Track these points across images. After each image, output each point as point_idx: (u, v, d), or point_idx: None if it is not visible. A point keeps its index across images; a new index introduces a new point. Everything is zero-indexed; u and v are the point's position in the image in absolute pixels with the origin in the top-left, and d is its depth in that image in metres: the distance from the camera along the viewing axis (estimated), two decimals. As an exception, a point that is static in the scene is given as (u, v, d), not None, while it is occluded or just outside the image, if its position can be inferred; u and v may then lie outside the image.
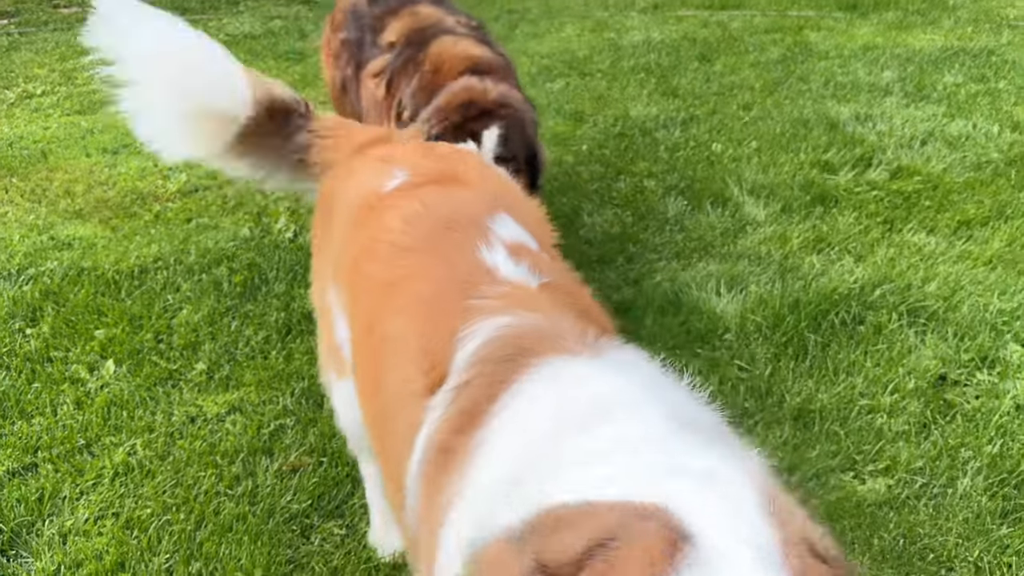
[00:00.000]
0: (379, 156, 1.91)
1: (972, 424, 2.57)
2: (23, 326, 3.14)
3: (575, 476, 1.01)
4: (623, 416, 1.10)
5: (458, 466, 1.19)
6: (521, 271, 1.46)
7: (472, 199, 1.69)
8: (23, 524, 2.30)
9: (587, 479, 1.00)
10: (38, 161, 4.67)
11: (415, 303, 1.47)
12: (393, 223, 1.61)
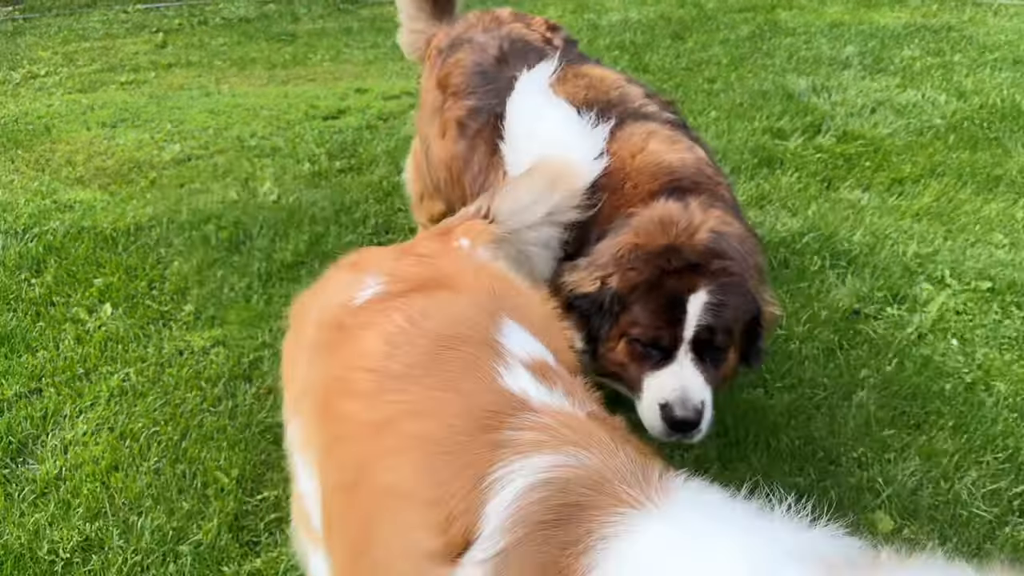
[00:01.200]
0: (346, 263, 1.61)
1: (875, 349, 2.88)
2: (28, 276, 3.46)
3: None
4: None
5: None
6: (557, 398, 1.20)
7: (469, 307, 1.39)
8: (29, 437, 2.62)
9: None
10: (42, 135, 4.98)
11: (419, 445, 1.16)
12: (372, 346, 1.31)
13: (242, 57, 6.46)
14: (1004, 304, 3.11)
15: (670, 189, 2.13)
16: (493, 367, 1.21)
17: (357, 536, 1.20)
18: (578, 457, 1.04)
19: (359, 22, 7.39)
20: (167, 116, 5.21)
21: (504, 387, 1.18)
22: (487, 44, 2.79)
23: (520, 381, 1.20)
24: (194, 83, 5.88)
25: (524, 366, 1.24)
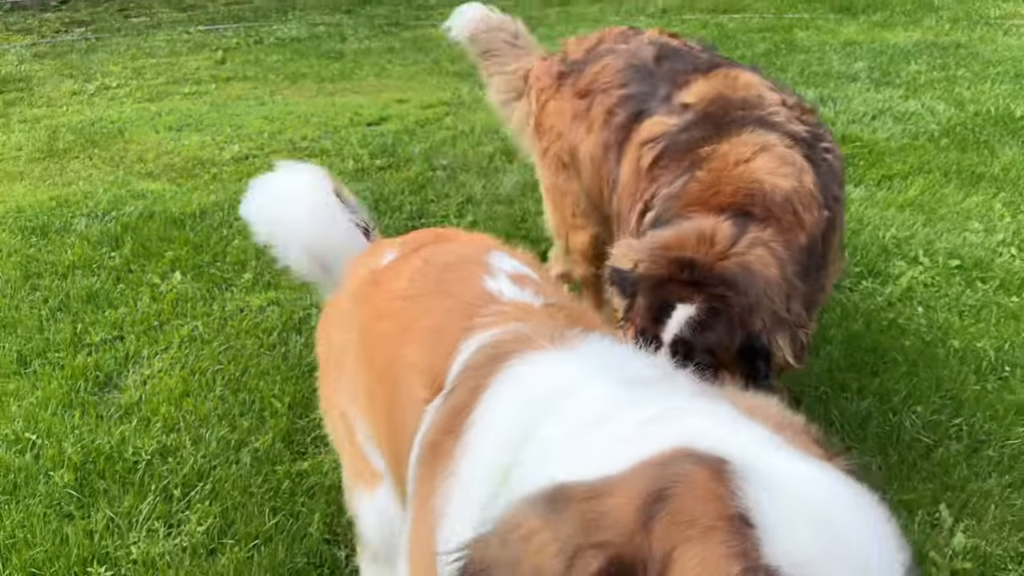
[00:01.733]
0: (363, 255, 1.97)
1: (846, 313, 3.25)
2: (108, 250, 3.97)
3: (566, 454, 1.03)
4: (585, 393, 1.12)
5: (448, 461, 1.25)
6: (525, 294, 1.50)
7: (467, 245, 1.78)
8: (113, 372, 3.09)
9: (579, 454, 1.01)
10: (116, 136, 5.55)
11: (425, 334, 1.53)
12: (398, 284, 1.66)
13: (294, 72, 7.02)
14: (970, 279, 3.46)
15: (739, 210, 2.15)
16: (480, 277, 1.54)
17: (388, 401, 1.58)
18: (517, 327, 1.36)
19: (401, 42, 7.93)
20: (227, 122, 5.76)
21: (484, 288, 1.51)
22: (637, 49, 2.84)
23: (499, 284, 1.52)
24: (250, 94, 6.44)
25: (505, 275, 1.55)
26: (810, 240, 2.20)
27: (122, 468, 2.59)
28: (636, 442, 0.95)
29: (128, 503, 2.45)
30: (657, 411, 1.01)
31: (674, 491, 0.87)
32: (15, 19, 9.13)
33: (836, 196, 2.34)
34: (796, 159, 2.26)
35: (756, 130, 2.30)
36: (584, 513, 0.90)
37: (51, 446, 2.68)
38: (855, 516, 0.87)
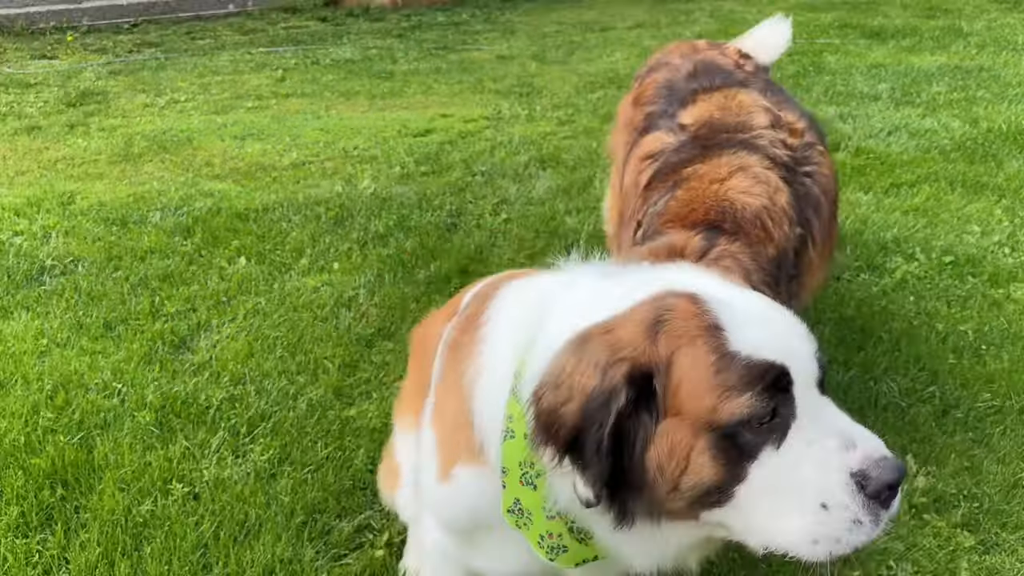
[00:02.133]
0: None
1: (841, 299, 3.56)
2: (180, 239, 4.43)
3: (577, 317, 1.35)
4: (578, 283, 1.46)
5: (471, 350, 1.56)
6: None
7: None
8: (186, 337, 3.53)
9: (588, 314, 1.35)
10: (185, 144, 6.07)
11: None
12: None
13: (347, 90, 7.53)
14: (961, 273, 3.75)
15: (711, 226, 2.30)
16: None
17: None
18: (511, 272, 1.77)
19: (448, 64, 8.42)
20: (286, 132, 6.25)
21: None
22: (681, 65, 3.09)
23: None
24: (307, 109, 6.95)
25: None
26: (779, 252, 2.37)
27: (195, 411, 3.01)
28: (630, 295, 1.34)
29: (201, 437, 2.86)
30: (638, 277, 1.41)
31: (666, 316, 1.29)
32: (92, 40, 9.83)
33: (808, 218, 2.52)
34: (771, 179, 2.44)
35: (737, 152, 2.50)
36: (606, 342, 1.28)
37: (134, 393, 3.11)
38: (783, 320, 1.35)
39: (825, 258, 2.72)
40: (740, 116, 2.65)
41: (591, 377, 1.27)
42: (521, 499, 1.47)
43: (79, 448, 2.80)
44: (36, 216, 4.71)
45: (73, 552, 2.40)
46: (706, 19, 10.32)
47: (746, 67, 3.11)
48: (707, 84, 2.91)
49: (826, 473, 1.26)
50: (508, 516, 1.49)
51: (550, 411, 1.29)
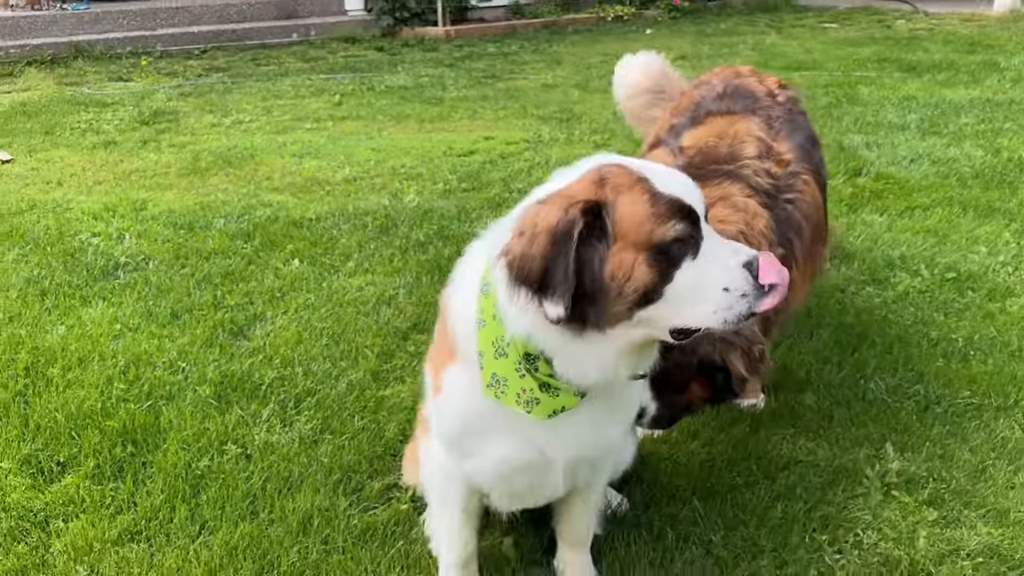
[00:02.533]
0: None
1: (843, 308, 3.82)
2: (241, 242, 4.86)
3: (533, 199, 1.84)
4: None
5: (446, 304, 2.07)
6: None
7: None
8: (243, 326, 3.92)
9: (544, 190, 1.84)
10: (247, 160, 6.56)
11: None
12: None
13: (399, 114, 7.99)
14: (961, 288, 3.98)
15: None
16: None
17: None
18: None
19: (494, 91, 8.84)
20: (340, 151, 6.71)
21: None
22: (716, 85, 3.31)
23: None
24: (361, 131, 7.41)
25: None
26: None
27: (249, 386, 3.39)
28: (574, 174, 1.84)
29: (253, 409, 3.24)
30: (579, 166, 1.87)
31: (608, 175, 1.78)
32: (164, 64, 10.51)
33: (790, 239, 2.77)
34: (749, 206, 2.70)
35: (722, 182, 2.77)
36: (561, 195, 1.76)
37: (196, 371, 3.51)
38: (682, 177, 1.86)
39: (808, 276, 2.99)
40: (732, 145, 2.92)
41: (553, 216, 1.72)
42: (496, 371, 1.88)
43: (147, 414, 3.19)
44: (112, 220, 5.20)
45: (140, 497, 2.77)
46: (748, 51, 10.61)
47: (778, 97, 3.26)
48: (725, 108, 3.15)
49: (727, 268, 1.78)
50: (488, 391, 1.89)
51: (522, 256, 1.72)
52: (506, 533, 2.58)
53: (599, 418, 1.98)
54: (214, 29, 11.70)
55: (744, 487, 2.71)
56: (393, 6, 12.22)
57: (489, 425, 1.97)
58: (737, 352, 2.54)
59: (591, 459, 2.08)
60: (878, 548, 2.46)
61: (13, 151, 6.83)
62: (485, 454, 2.02)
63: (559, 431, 1.94)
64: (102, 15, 11.22)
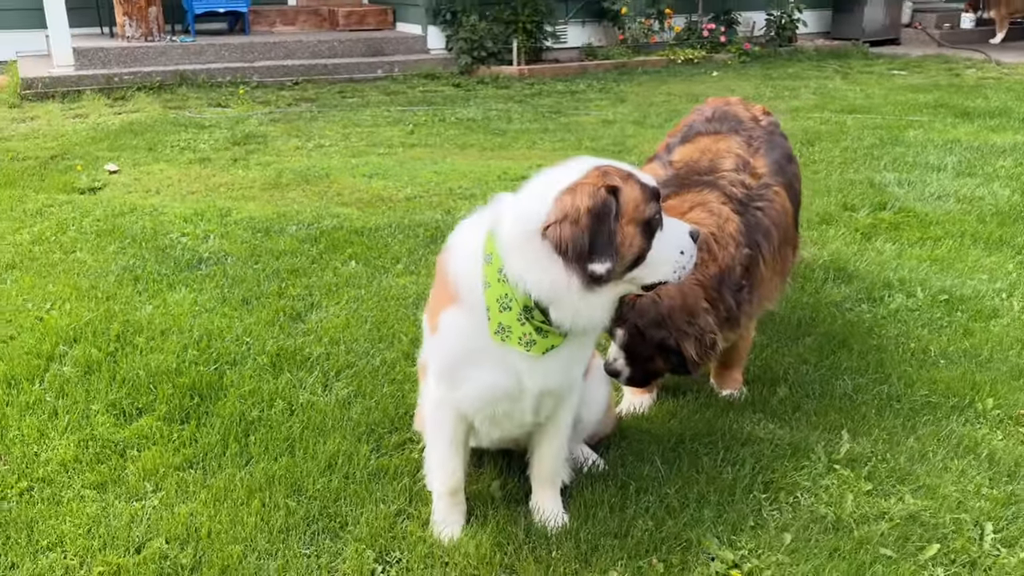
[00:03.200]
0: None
1: (833, 320, 4.18)
2: (308, 246, 5.50)
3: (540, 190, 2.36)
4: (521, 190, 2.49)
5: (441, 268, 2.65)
6: None
7: None
8: (301, 312, 4.51)
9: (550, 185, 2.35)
10: (323, 178, 7.26)
11: None
12: None
13: (464, 143, 8.62)
14: (951, 309, 4.29)
15: None
16: None
17: None
18: None
19: (556, 126, 9.41)
20: (406, 173, 7.35)
21: None
22: (707, 111, 3.77)
23: None
24: (428, 157, 8.06)
25: None
26: (722, 270, 3.08)
27: (300, 358, 3.97)
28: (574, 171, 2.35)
29: (301, 376, 3.81)
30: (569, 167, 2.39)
31: (607, 171, 2.33)
32: (259, 93, 11.45)
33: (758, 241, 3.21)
34: (723, 211, 3.14)
35: (702, 190, 3.21)
36: (584, 185, 2.26)
37: (257, 344, 4.10)
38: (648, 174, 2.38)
39: (776, 273, 3.40)
40: (713, 159, 3.37)
41: (588, 200, 2.25)
42: (503, 321, 2.40)
43: (213, 374, 3.79)
44: (199, 223, 5.92)
45: (200, 436, 3.35)
46: (808, 95, 10.93)
47: (761, 121, 3.74)
48: (713, 129, 3.60)
49: (680, 237, 2.46)
50: (495, 337, 2.41)
51: (572, 233, 2.23)
52: (494, 479, 3.06)
53: (567, 358, 2.50)
54: (307, 63, 12.64)
55: (704, 455, 3.13)
56: (472, 46, 12.96)
57: (481, 358, 2.50)
58: (691, 339, 3.00)
59: (555, 392, 2.56)
60: (811, 508, 2.84)
61: (120, 163, 7.71)
62: (475, 381, 2.54)
63: (536, 365, 2.46)
64: (206, 47, 12.29)
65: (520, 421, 2.64)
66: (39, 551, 2.74)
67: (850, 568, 2.55)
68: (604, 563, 2.62)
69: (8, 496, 3.00)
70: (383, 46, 13.50)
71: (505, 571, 2.63)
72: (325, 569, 2.65)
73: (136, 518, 2.88)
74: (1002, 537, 2.70)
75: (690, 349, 3.02)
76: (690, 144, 3.55)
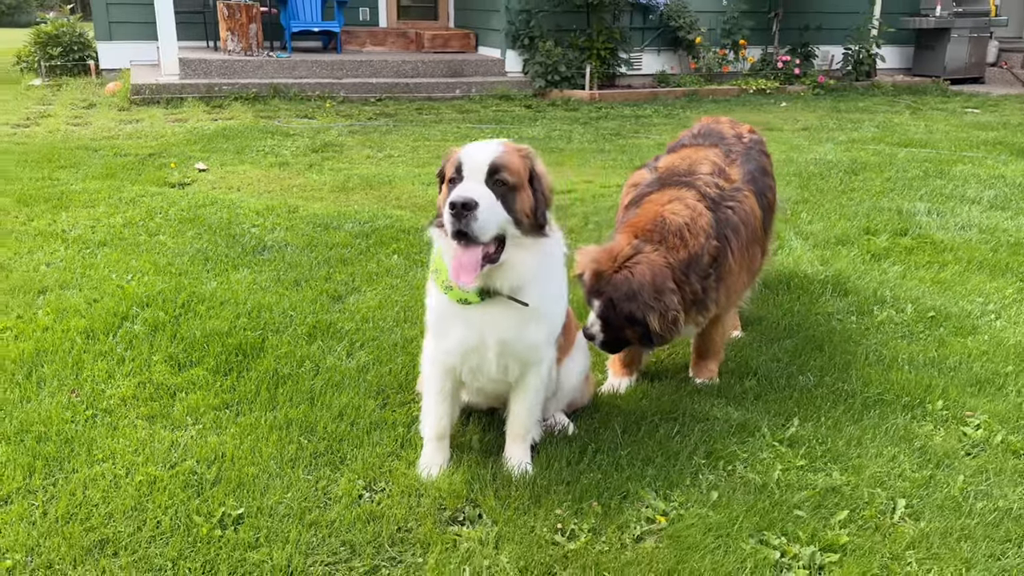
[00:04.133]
0: None
1: (818, 327, 4.51)
2: (360, 240, 6.10)
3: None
4: None
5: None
6: None
7: None
8: (342, 294, 5.09)
9: None
10: (386, 184, 7.90)
11: None
12: None
13: (523, 158, 9.17)
14: (935, 324, 4.56)
15: (646, 234, 3.51)
16: None
17: None
18: None
19: (612, 147, 9.86)
20: (461, 183, 7.93)
21: None
22: (695, 128, 4.27)
23: None
24: (486, 169, 8.63)
25: None
26: (691, 256, 3.50)
27: (332, 331, 4.53)
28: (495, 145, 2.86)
29: (330, 344, 4.37)
30: None
31: (523, 149, 2.93)
32: (343, 108, 12.30)
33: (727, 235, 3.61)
34: (697, 206, 3.56)
35: (680, 188, 3.65)
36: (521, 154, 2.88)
37: (299, 318, 4.69)
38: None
39: (745, 269, 3.79)
40: (692, 165, 3.82)
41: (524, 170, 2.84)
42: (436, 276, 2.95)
43: (257, 338, 4.39)
44: (269, 216, 6.61)
45: (239, 386, 3.94)
46: (871, 127, 11.09)
47: (744, 139, 4.22)
48: (697, 142, 4.09)
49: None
50: (444, 290, 2.96)
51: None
52: (475, 434, 3.54)
53: (516, 319, 2.98)
54: (390, 81, 13.46)
55: (661, 428, 3.54)
56: (546, 70, 13.56)
57: (451, 318, 3.03)
58: (656, 314, 3.44)
59: (515, 353, 3.04)
60: (742, 475, 3.22)
61: (209, 163, 8.54)
62: (451, 335, 3.05)
63: (490, 323, 2.96)
64: (299, 63, 13.24)
65: (489, 374, 3.11)
66: (95, 461, 3.35)
67: (761, 521, 2.92)
68: (552, 503, 3.06)
69: (77, 420, 3.64)
70: (463, 68, 14.22)
71: (469, 503, 3.10)
72: (321, 490, 3.17)
73: (175, 444, 3.47)
74: (911, 512, 3.02)
75: (654, 322, 3.44)
76: (675, 154, 4.03)
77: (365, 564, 2.78)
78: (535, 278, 2.92)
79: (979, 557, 2.76)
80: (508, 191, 2.77)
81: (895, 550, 2.80)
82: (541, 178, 2.93)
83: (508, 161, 2.78)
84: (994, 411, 3.66)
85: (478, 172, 2.75)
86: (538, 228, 2.91)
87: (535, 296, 2.95)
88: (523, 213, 2.83)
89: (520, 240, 2.86)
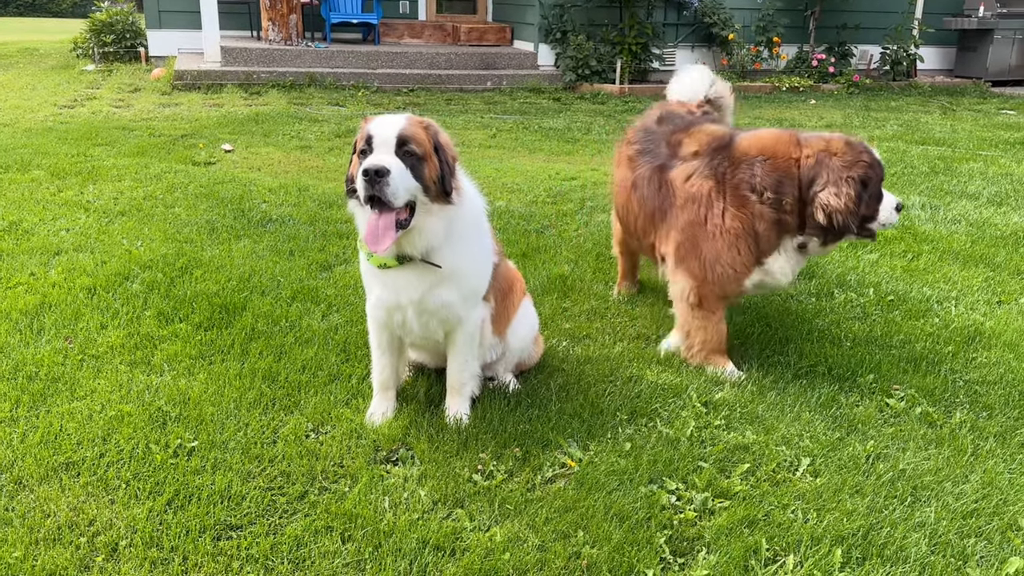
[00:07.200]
0: None
1: (779, 310, 4.67)
2: (360, 218, 6.41)
3: None
4: None
5: None
6: None
7: None
8: (331, 264, 5.40)
9: None
10: (398, 168, 8.20)
11: None
12: None
13: (535, 147, 9.40)
14: (892, 308, 4.68)
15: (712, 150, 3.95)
16: None
17: None
18: None
19: (632, 138, 10.05)
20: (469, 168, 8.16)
21: None
22: (652, 115, 4.50)
23: None
24: (497, 156, 8.89)
25: None
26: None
27: (313, 296, 4.84)
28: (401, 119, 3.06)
29: (310, 307, 4.68)
30: None
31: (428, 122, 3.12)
32: (375, 97, 12.69)
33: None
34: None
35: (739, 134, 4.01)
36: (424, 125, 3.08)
37: (286, 283, 5.01)
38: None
39: None
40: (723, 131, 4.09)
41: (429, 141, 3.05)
42: (362, 245, 3.18)
43: (241, 299, 4.72)
44: (280, 193, 6.97)
45: (217, 339, 4.26)
46: (894, 126, 11.06)
47: (695, 113, 4.45)
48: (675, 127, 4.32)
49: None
50: (367, 252, 3.22)
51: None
52: (422, 388, 3.81)
53: (429, 281, 3.22)
54: (422, 72, 13.80)
55: (595, 388, 3.76)
56: (577, 63, 13.76)
57: (373, 278, 3.32)
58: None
59: (431, 311, 3.29)
60: (659, 431, 3.43)
61: (236, 144, 8.96)
62: (374, 293, 3.33)
63: (404, 285, 3.23)
64: (336, 53, 13.66)
65: (414, 331, 3.37)
66: (76, 398, 3.70)
67: (665, 469, 3.14)
68: (478, 447, 3.31)
69: (67, 364, 4.00)
70: (496, 60, 14.50)
71: (403, 446, 3.37)
72: (271, 429, 3.47)
73: (150, 386, 3.81)
74: (812, 469, 3.20)
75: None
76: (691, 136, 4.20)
77: (296, 490, 3.06)
78: (447, 242, 3.16)
79: (861, 510, 2.94)
80: (416, 161, 3.02)
81: (784, 500, 2.99)
82: (445, 148, 3.15)
83: (413, 133, 3.02)
84: (922, 385, 3.80)
85: (387, 144, 2.99)
86: (444, 195, 3.13)
87: (447, 258, 3.19)
88: (431, 180, 3.07)
89: (429, 207, 3.11)
